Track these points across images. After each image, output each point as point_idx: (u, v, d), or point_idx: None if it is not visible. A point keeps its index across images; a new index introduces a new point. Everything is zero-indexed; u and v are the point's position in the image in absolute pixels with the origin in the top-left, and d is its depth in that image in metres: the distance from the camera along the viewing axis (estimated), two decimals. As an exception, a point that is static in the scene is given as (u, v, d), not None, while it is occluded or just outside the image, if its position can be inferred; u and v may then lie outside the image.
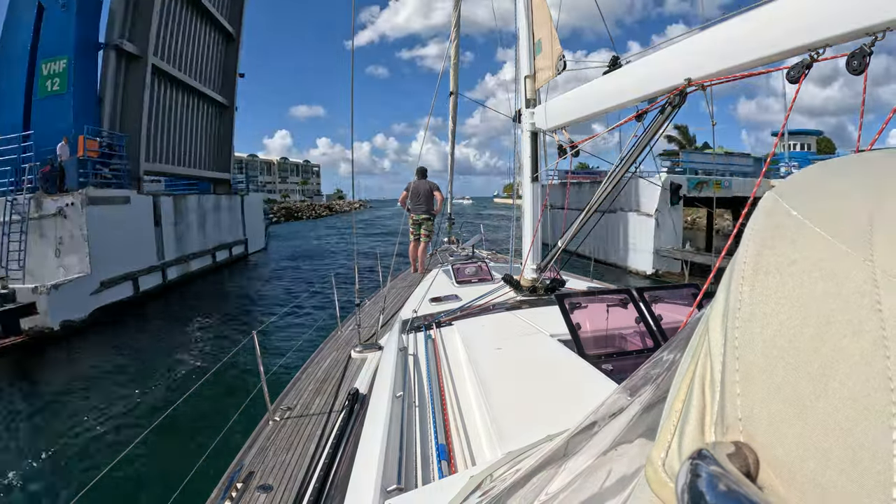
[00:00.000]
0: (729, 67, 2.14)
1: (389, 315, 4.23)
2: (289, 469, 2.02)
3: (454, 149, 9.87)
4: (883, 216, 0.26)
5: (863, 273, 0.25)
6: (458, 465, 1.58)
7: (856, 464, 0.22)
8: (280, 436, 2.33)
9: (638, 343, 2.41)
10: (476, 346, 2.44)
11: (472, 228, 11.38)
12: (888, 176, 0.29)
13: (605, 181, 3.25)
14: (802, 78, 1.82)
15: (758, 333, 0.28)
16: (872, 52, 1.58)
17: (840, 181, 0.31)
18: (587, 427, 0.63)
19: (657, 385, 0.51)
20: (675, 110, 2.54)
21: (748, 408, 0.27)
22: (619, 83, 2.92)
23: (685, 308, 2.57)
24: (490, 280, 4.83)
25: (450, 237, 10.05)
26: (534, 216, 4.12)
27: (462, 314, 3.43)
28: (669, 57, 2.49)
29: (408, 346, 2.80)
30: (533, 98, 4.03)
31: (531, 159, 4.07)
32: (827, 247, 0.27)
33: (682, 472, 0.27)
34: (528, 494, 0.66)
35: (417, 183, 7.09)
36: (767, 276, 0.29)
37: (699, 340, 0.34)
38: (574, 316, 2.41)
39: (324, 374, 3.06)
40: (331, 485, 1.74)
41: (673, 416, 0.33)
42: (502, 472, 0.97)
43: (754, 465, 0.26)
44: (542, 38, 3.88)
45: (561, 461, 0.65)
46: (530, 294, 3.93)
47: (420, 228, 7.12)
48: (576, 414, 0.66)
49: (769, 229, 0.31)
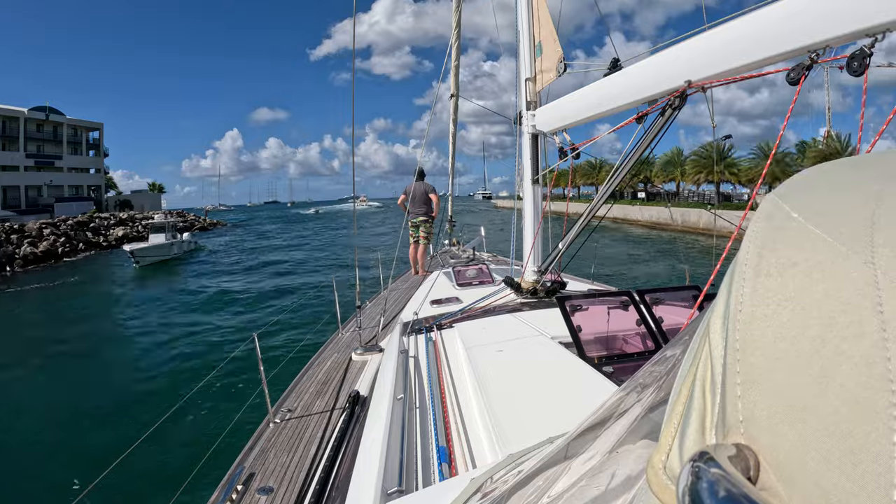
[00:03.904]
0: (729, 69, 2.15)
1: (390, 317, 4.23)
2: (289, 471, 2.02)
3: (455, 151, 9.86)
4: (884, 217, 0.26)
5: (864, 275, 0.25)
6: (459, 468, 1.58)
7: (856, 465, 0.22)
8: (281, 438, 2.33)
9: (639, 345, 2.40)
10: (477, 349, 2.43)
11: (472, 231, 11.37)
12: (889, 177, 0.29)
13: (606, 183, 3.25)
14: (803, 79, 1.82)
15: (758, 335, 0.28)
16: (873, 53, 1.59)
17: (840, 183, 0.31)
18: (588, 429, 0.63)
19: (659, 387, 0.51)
20: (675, 112, 2.54)
21: (749, 410, 0.27)
22: (619, 85, 2.92)
23: (686, 310, 2.57)
24: (491, 282, 4.83)
25: (451, 239, 10.05)
26: (535, 219, 4.12)
27: (463, 316, 3.43)
28: (669, 59, 2.49)
29: (408, 349, 2.80)
30: (534, 100, 4.04)
31: (532, 161, 4.07)
32: (828, 248, 0.27)
33: (683, 474, 0.27)
34: (529, 496, 0.66)
35: (415, 185, 7.07)
36: (768, 278, 0.29)
37: (700, 343, 0.34)
38: (575, 318, 2.41)
39: (324, 376, 3.06)
40: (331, 487, 1.74)
41: (674, 419, 0.33)
42: (503, 474, 0.97)
43: (755, 467, 0.26)
44: (542, 41, 3.89)
45: (562, 463, 0.65)
46: (531, 296, 3.93)
47: (419, 231, 7.11)
48: (577, 416, 0.66)
49: (770, 231, 0.31)
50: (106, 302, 16.31)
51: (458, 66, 8.34)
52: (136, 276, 21.53)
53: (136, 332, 11.74)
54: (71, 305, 15.52)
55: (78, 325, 12.89)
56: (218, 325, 11.79)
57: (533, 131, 4.01)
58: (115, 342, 11.41)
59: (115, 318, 13.70)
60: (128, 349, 10.51)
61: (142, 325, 12.33)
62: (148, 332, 11.61)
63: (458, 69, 8.40)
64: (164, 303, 15.06)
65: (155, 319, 12.80)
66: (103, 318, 13.84)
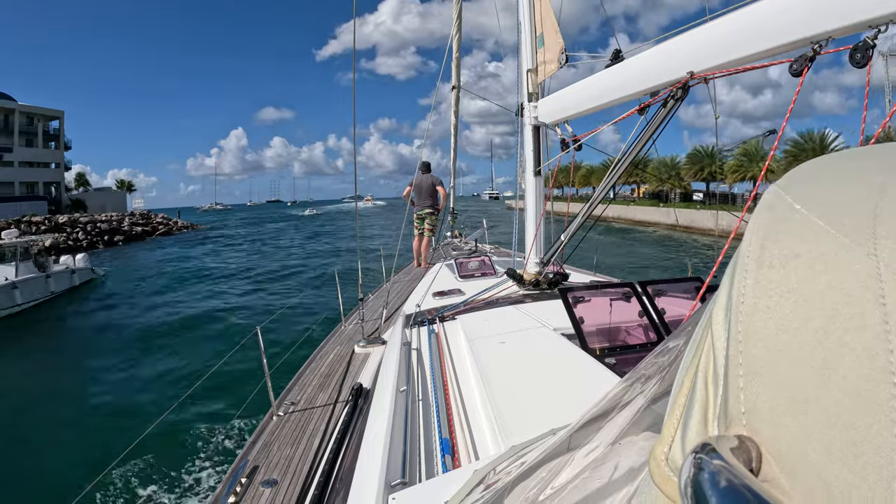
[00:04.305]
0: (731, 60, 2.13)
1: (393, 310, 4.24)
2: (293, 464, 2.03)
3: (457, 144, 9.84)
4: (886, 209, 0.26)
5: (866, 266, 0.25)
6: (462, 460, 1.59)
7: (858, 457, 0.22)
8: (284, 431, 2.34)
9: (641, 337, 2.41)
10: (479, 341, 2.44)
11: (475, 223, 11.35)
12: (892, 168, 0.29)
13: (608, 174, 3.24)
14: (806, 71, 1.81)
15: (761, 327, 0.28)
16: (875, 44, 1.57)
17: (843, 174, 0.31)
18: (591, 420, 0.64)
19: (662, 378, 0.51)
20: (677, 104, 2.53)
21: (751, 401, 0.27)
22: (621, 76, 2.90)
23: (688, 301, 2.57)
24: (493, 274, 4.83)
25: (453, 231, 10.04)
26: (537, 210, 4.11)
27: (465, 308, 3.43)
28: (672, 50, 2.48)
29: (411, 341, 2.80)
30: (535, 92, 4.02)
31: (534, 153, 4.06)
32: (830, 240, 0.27)
33: (685, 466, 0.27)
34: (532, 488, 0.67)
35: (421, 177, 7.07)
36: (771, 269, 0.29)
37: (702, 334, 0.34)
38: (577, 310, 2.41)
39: (327, 369, 3.07)
40: (335, 479, 1.75)
41: (676, 411, 0.33)
42: (506, 465, 0.98)
43: (757, 459, 0.27)
44: (544, 32, 3.87)
45: (565, 454, 0.66)
46: (533, 288, 3.93)
47: (423, 223, 7.13)
48: (579, 408, 0.67)
49: (772, 223, 0.31)
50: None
51: (459, 58, 8.31)
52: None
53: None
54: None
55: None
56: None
57: (535, 123, 4.00)
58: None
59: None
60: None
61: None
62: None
63: (459, 61, 8.36)
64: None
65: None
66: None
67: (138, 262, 25.39)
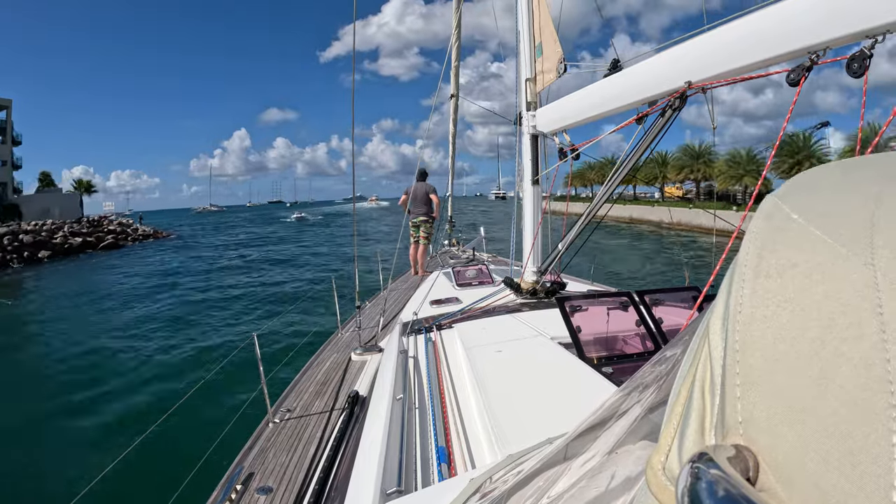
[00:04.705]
0: (729, 70, 2.15)
1: (390, 317, 4.23)
2: (288, 471, 2.02)
3: (455, 151, 9.87)
4: (883, 219, 0.26)
5: (863, 276, 0.25)
6: (458, 468, 1.58)
7: (856, 466, 0.22)
8: (280, 437, 2.32)
9: (638, 346, 2.40)
10: (476, 349, 2.43)
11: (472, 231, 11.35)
12: (888, 178, 0.29)
13: (606, 183, 3.25)
14: (803, 80, 1.82)
15: (758, 337, 0.28)
16: (873, 54, 1.59)
17: (841, 184, 0.31)
18: (588, 429, 0.63)
19: (659, 387, 0.51)
20: (675, 113, 2.54)
21: (748, 411, 0.27)
22: (619, 86, 2.92)
23: (686, 311, 2.57)
24: (490, 283, 4.83)
25: (451, 240, 10.04)
26: (534, 219, 4.12)
27: (462, 317, 3.43)
28: (669, 60, 2.49)
29: (408, 349, 2.80)
30: (534, 101, 4.04)
31: (532, 162, 4.08)
32: (827, 250, 0.27)
33: (682, 475, 0.27)
34: (529, 497, 0.66)
35: (416, 185, 7.08)
36: (768, 279, 0.29)
37: (699, 343, 0.34)
38: (574, 319, 2.41)
39: (324, 376, 3.06)
40: (330, 487, 1.74)
41: (673, 420, 0.33)
42: (502, 474, 0.97)
43: (754, 468, 0.26)
44: (542, 41, 3.89)
45: (562, 463, 0.65)
46: (531, 297, 3.93)
47: (419, 231, 7.12)
48: (576, 417, 0.66)
49: (770, 232, 0.31)
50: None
51: (459, 67, 8.36)
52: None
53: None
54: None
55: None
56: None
57: (533, 132, 4.02)
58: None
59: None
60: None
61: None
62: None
63: (458, 70, 8.41)
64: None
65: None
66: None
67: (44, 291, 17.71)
